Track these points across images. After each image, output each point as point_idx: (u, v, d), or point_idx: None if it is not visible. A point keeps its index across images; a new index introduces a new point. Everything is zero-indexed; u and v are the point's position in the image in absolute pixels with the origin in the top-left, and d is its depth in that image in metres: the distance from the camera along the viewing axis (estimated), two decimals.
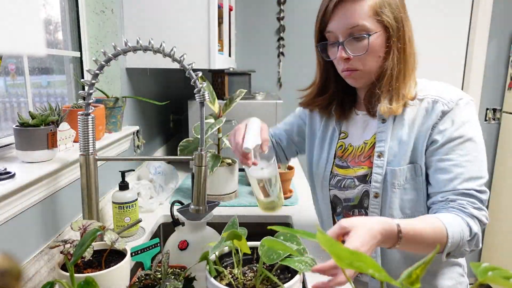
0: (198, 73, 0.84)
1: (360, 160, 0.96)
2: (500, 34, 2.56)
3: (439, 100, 0.87)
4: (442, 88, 0.90)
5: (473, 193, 0.82)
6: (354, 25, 0.84)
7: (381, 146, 0.91)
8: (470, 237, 0.79)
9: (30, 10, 0.29)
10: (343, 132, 1.02)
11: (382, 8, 0.84)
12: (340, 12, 0.85)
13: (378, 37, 0.85)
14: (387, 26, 0.84)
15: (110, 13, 1.34)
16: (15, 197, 0.76)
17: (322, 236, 0.39)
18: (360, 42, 0.85)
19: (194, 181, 0.90)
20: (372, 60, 0.87)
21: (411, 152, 0.88)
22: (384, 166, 0.89)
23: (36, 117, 0.88)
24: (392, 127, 0.90)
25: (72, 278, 0.62)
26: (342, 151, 1.01)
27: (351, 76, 0.90)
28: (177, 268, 0.85)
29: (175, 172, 1.56)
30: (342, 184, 0.98)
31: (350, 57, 0.86)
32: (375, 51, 0.86)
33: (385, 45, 0.86)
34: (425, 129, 0.87)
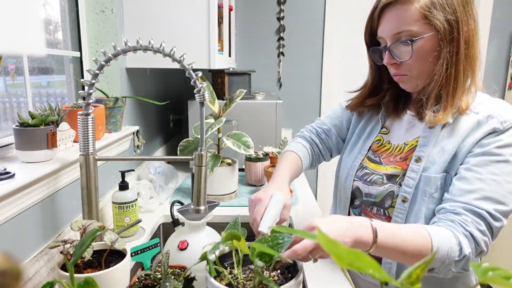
0: (198, 73, 0.84)
1: (395, 160, 0.92)
2: (500, 34, 2.56)
3: (495, 117, 0.81)
4: (502, 105, 0.84)
5: (484, 215, 0.76)
6: (399, 30, 0.82)
7: (422, 151, 0.86)
8: (459, 258, 0.74)
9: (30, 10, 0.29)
10: (385, 127, 0.99)
11: (431, 10, 0.79)
12: (386, 16, 0.84)
13: (427, 41, 0.81)
14: (437, 29, 0.80)
15: (110, 13, 1.34)
16: (15, 197, 0.76)
17: (322, 236, 0.39)
18: (405, 47, 0.83)
19: (194, 181, 0.90)
20: (421, 65, 0.84)
21: (448, 161, 0.83)
22: (420, 172, 0.85)
23: (36, 117, 0.88)
24: (438, 135, 0.86)
25: (72, 278, 0.62)
26: (379, 146, 0.98)
27: (401, 80, 0.89)
28: (177, 268, 0.85)
29: (175, 172, 1.56)
30: (369, 178, 0.95)
31: (397, 62, 0.85)
32: (422, 56, 0.82)
33: (436, 49, 0.82)
34: (470, 141, 0.81)
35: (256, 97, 1.95)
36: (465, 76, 0.83)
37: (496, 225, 0.77)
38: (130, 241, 1.12)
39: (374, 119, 1.02)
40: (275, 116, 1.79)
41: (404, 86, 0.91)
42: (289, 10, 2.54)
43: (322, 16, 2.54)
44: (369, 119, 1.04)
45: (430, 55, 0.82)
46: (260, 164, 1.59)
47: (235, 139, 1.38)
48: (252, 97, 1.95)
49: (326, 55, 2.59)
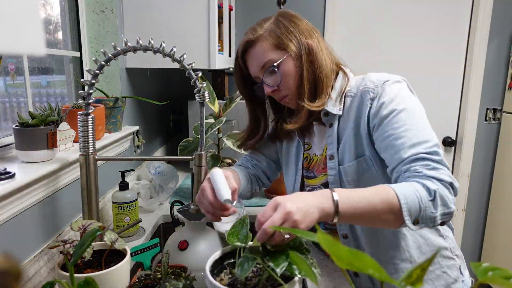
0: (198, 73, 0.84)
1: (320, 167, 1.00)
2: (500, 34, 2.56)
3: (365, 90, 0.90)
4: (370, 78, 0.92)
5: (423, 156, 0.79)
6: (262, 64, 0.92)
7: (331, 149, 0.95)
8: (431, 197, 0.74)
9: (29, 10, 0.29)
10: (306, 144, 1.05)
11: (278, 39, 0.91)
12: (249, 59, 0.96)
13: (287, 62, 0.91)
14: (289, 51, 0.91)
15: (110, 13, 1.34)
16: (15, 197, 0.76)
17: (322, 236, 0.39)
18: (274, 75, 0.92)
19: (194, 181, 0.90)
20: (291, 82, 0.93)
21: (355, 147, 0.91)
22: (337, 167, 0.93)
23: (36, 117, 0.88)
24: (337, 129, 0.95)
25: (72, 278, 0.62)
26: (308, 162, 1.04)
27: (286, 102, 0.97)
28: (177, 268, 0.85)
29: (175, 172, 1.56)
30: None
31: (275, 88, 0.94)
32: (289, 75, 0.92)
33: (294, 66, 0.92)
34: (363, 121, 0.89)
35: None
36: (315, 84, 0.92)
37: (437, 158, 0.79)
38: (130, 241, 1.12)
39: (294, 140, 1.07)
40: None
41: (291, 106, 0.98)
42: (289, 10, 2.54)
43: (322, 16, 2.54)
44: (288, 141, 1.09)
45: (294, 73, 0.92)
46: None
47: (235, 139, 1.38)
48: None
49: None
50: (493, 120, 2.67)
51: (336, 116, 0.94)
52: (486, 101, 2.65)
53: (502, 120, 2.64)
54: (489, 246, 2.76)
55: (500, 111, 2.65)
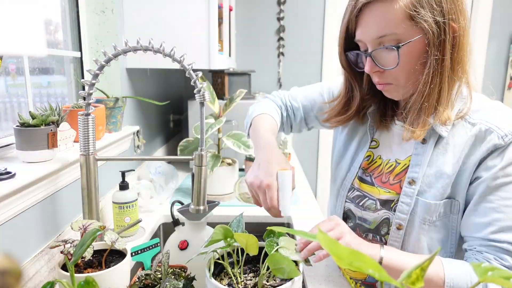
0: (198, 73, 0.85)
1: (388, 181, 0.83)
2: (500, 34, 2.56)
3: (494, 131, 0.71)
4: (501, 115, 0.74)
5: (506, 247, 0.69)
6: (382, 34, 0.70)
7: (415, 172, 0.77)
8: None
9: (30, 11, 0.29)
10: (374, 140, 0.89)
11: (418, 9, 0.68)
12: (366, 17, 0.72)
13: (414, 46, 0.70)
14: (425, 32, 0.69)
15: (110, 13, 1.34)
16: (15, 197, 0.76)
17: (322, 236, 0.39)
18: (390, 53, 0.72)
19: (194, 181, 0.90)
20: (407, 73, 0.73)
21: (451, 187, 0.74)
22: (414, 196, 0.77)
23: (37, 117, 0.88)
24: (432, 151, 0.76)
25: (72, 278, 0.62)
26: (369, 163, 0.88)
27: (385, 90, 0.79)
28: (177, 268, 0.85)
29: (175, 172, 1.57)
30: (361, 202, 0.87)
31: (380, 70, 0.75)
32: (408, 63, 0.72)
33: (423, 54, 0.71)
34: (472, 163, 0.72)
35: (256, 97, 1.95)
36: (450, 86, 0.73)
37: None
38: (130, 241, 1.12)
39: (360, 130, 0.92)
40: None
41: (389, 95, 0.80)
42: (289, 10, 2.54)
43: (322, 16, 2.54)
44: (354, 128, 0.93)
45: (417, 62, 0.72)
46: None
47: (235, 139, 1.38)
48: (252, 97, 1.95)
49: (326, 55, 2.59)
50: None
51: (436, 135, 0.76)
52: None
53: None
54: None
55: None
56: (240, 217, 0.81)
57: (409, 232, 0.79)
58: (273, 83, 2.64)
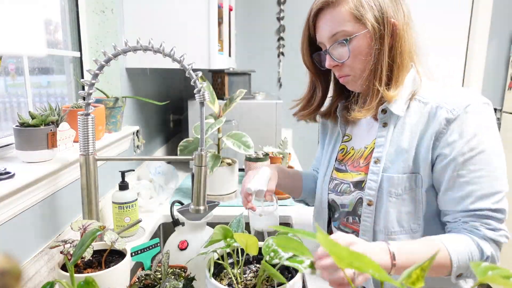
0: (198, 73, 0.84)
1: (359, 165, 0.92)
2: (500, 34, 2.56)
3: (443, 106, 0.80)
4: (450, 92, 0.83)
5: (487, 214, 0.76)
6: (334, 32, 0.84)
7: (379, 152, 0.86)
8: (482, 259, 0.75)
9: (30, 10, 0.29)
10: (347, 135, 1.00)
11: (360, 10, 0.81)
12: (321, 21, 0.87)
13: (361, 39, 0.83)
14: (367, 27, 0.81)
15: (110, 13, 1.34)
16: (15, 197, 0.76)
17: (322, 236, 0.39)
18: (342, 48, 0.84)
19: (194, 181, 0.90)
20: (359, 63, 0.84)
21: (412, 161, 0.82)
22: (380, 173, 0.85)
23: (36, 117, 0.88)
24: (392, 132, 0.86)
25: (72, 278, 0.62)
26: (343, 154, 0.98)
27: (346, 82, 0.89)
28: (177, 268, 0.85)
29: (175, 172, 1.56)
30: (339, 189, 0.95)
31: (338, 64, 0.86)
32: (358, 54, 0.83)
33: (369, 45, 0.83)
34: (428, 137, 0.81)
35: (256, 97, 1.95)
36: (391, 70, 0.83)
37: (501, 216, 0.77)
38: (130, 241, 1.12)
39: (335, 131, 1.03)
40: (275, 116, 1.79)
41: (350, 87, 0.91)
42: (289, 10, 2.54)
43: None
44: (332, 132, 1.05)
45: (365, 53, 0.83)
46: (260, 164, 1.59)
47: (235, 139, 1.38)
48: (252, 97, 1.95)
49: None
50: None
51: (395, 117, 0.85)
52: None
53: (502, 120, 2.64)
54: None
55: (500, 111, 2.65)
56: (240, 217, 0.82)
57: (379, 207, 0.85)
58: (273, 83, 2.64)
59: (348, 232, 0.94)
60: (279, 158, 1.58)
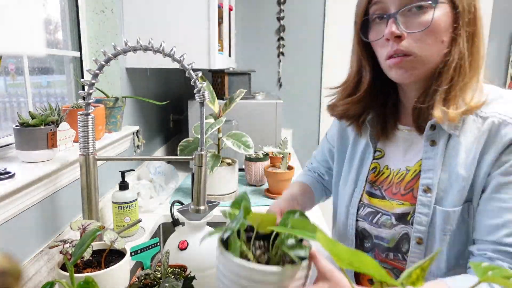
0: (198, 73, 0.84)
1: (399, 191, 0.75)
2: (500, 34, 2.56)
3: (510, 123, 0.63)
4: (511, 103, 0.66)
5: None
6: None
7: (429, 178, 0.70)
8: None
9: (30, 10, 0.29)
10: (378, 150, 0.81)
11: None
12: None
13: (445, 14, 0.64)
14: (454, 2, 0.64)
15: (110, 13, 1.34)
16: (15, 197, 0.76)
17: (322, 236, 0.39)
18: (420, 16, 0.64)
19: (194, 181, 0.90)
20: (434, 43, 0.65)
21: (468, 190, 0.66)
22: (432, 205, 0.69)
23: (36, 117, 0.88)
24: (444, 153, 0.69)
25: (71, 278, 0.62)
26: (376, 175, 0.80)
27: (400, 64, 0.67)
28: (177, 268, 0.85)
29: (175, 172, 1.56)
30: (375, 219, 0.79)
31: (404, 34, 0.65)
32: (438, 31, 0.64)
33: (451, 28, 0.65)
34: (487, 161, 0.64)
35: (256, 97, 1.95)
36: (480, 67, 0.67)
37: None
38: (130, 241, 1.12)
39: (362, 142, 0.83)
40: (275, 116, 1.79)
41: (400, 74, 0.69)
42: (289, 10, 2.54)
43: (322, 16, 2.54)
44: (356, 142, 0.85)
45: (445, 34, 0.65)
46: (260, 164, 1.59)
47: (235, 139, 1.38)
48: (252, 97, 1.94)
49: (326, 55, 2.59)
50: None
51: (446, 134, 0.69)
52: None
53: None
54: None
55: None
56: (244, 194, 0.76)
57: (430, 246, 0.71)
58: (273, 83, 2.64)
59: (387, 269, 0.79)
60: (279, 158, 1.58)
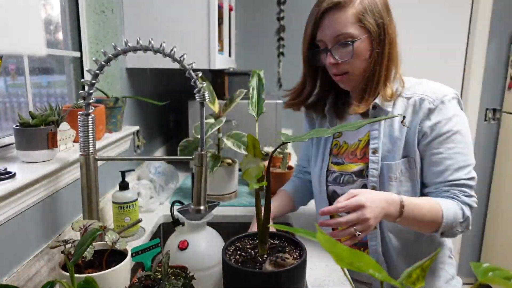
0: (198, 73, 0.84)
1: (355, 157, 1.03)
2: (500, 34, 2.56)
3: (425, 99, 0.94)
4: (428, 86, 0.98)
5: (463, 182, 0.92)
6: (339, 33, 0.91)
7: (375, 143, 0.98)
8: (462, 220, 0.91)
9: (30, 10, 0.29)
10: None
11: (364, 15, 0.91)
12: (326, 21, 0.93)
13: (362, 42, 0.92)
14: (370, 31, 0.92)
15: (110, 13, 1.34)
16: (15, 197, 0.76)
17: (322, 235, 0.39)
18: (346, 48, 0.93)
19: (194, 181, 0.90)
20: (359, 63, 0.94)
21: (403, 147, 0.96)
22: (379, 162, 0.97)
23: (36, 117, 0.88)
24: (384, 125, 0.98)
25: (72, 278, 0.62)
26: (338, 149, 1.08)
27: (342, 80, 0.98)
28: (177, 268, 0.85)
29: (175, 172, 1.56)
30: (341, 180, 1.05)
31: (338, 62, 0.94)
32: (360, 55, 0.93)
33: (369, 48, 0.93)
34: (414, 125, 0.95)
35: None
36: (388, 71, 0.96)
37: (473, 184, 0.94)
38: (130, 241, 1.12)
39: (325, 127, 1.11)
40: (275, 116, 1.79)
41: (343, 85, 1.00)
42: (289, 10, 2.54)
43: None
44: (320, 127, 1.13)
45: (365, 55, 0.94)
46: None
47: (235, 139, 1.38)
48: None
49: None
50: (493, 120, 2.67)
51: (384, 112, 0.97)
52: (486, 101, 2.65)
53: (502, 120, 2.64)
54: (489, 246, 2.76)
55: (499, 111, 2.66)
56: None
57: (381, 190, 0.97)
58: (273, 83, 2.64)
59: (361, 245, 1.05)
60: (279, 158, 1.58)
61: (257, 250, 0.79)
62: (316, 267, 0.98)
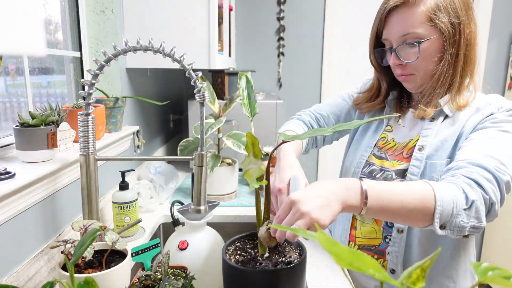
0: (198, 73, 0.84)
1: (401, 154, 0.94)
2: (500, 34, 2.56)
3: (492, 103, 0.85)
4: (500, 97, 0.89)
5: (489, 168, 0.73)
6: (405, 32, 0.84)
7: (424, 141, 0.89)
8: (466, 206, 0.69)
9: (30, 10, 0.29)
10: (389, 125, 1.01)
11: (437, 13, 0.82)
12: (393, 19, 0.86)
13: (432, 43, 0.84)
14: (442, 32, 0.83)
15: (110, 13, 1.34)
16: (15, 197, 0.76)
17: (322, 235, 0.39)
18: (412, 49, 0.86)
19: (194, 181, 0.90)
20: (426, 65, 0.87)
21: (451, 147, 0.86)
22: (423, 160, 0.87)
23: (36, 117, 0.88)
24: (440, 125, 0.89)
25: (72, 278, 0.62)
26: (384, 143, 0.99)
27: (406, 80, 0.92)
28: (177, 268, 0.85)
29: (175, 172, 1.56)
30: (378, 175, 0.95)
31: (403, 63, 0.88)
32: (427, 57, 0.85)
33: (440, 50, 0.85)
34: (470, 125, 0.85)
35: (256, 97, 1.95)
36: (463, 76, 0.87)
37: (502, 177, 0.73)
38: (130, 241, 1.12)
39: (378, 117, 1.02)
40: (275, 116, 1.79)
41: (408, 86, 0.94)
42: (289, 10, 2.54)
43: (322, 16, 2.54)
44: (373, 116, 1.05)
45: (434, 56, 0.85)
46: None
47: (235, 139, 1.38)
48: None
49: (326, 55, 2.59)
50: None
51: (443, 115, 0.90)
52: None
53: None
54: (489, 246, 2.76)
55: None
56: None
57: None
58: (273, 83, 2.64)
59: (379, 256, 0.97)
60: None
61: (257, 250, 0.79)
62: (316, 267, 0.98)
